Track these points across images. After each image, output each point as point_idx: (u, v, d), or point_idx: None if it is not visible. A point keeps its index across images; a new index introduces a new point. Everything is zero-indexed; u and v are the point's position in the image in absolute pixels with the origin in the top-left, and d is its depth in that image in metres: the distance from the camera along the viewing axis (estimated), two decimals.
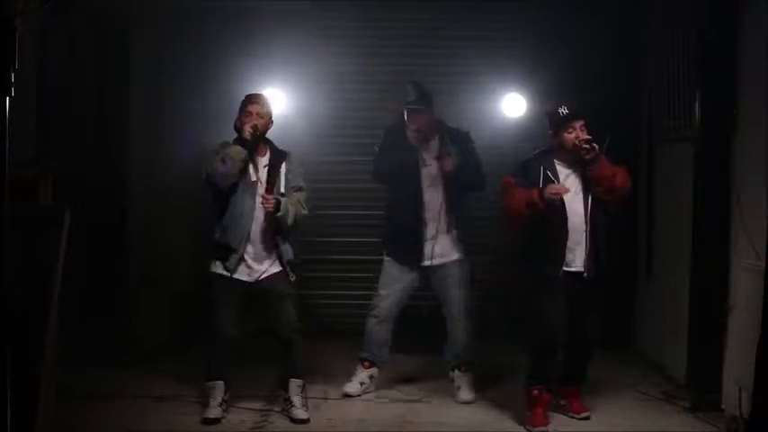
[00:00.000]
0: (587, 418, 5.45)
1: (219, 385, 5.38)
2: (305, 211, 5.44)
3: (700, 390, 5.62)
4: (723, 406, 5.42)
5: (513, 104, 6.87)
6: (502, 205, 5.26)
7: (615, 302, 5.32)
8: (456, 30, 7.48)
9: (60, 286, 4.65)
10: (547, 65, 6.93)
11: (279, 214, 5.26)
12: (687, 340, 5.83)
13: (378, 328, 5.87)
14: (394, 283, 5.85)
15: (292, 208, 5.33)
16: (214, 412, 5.32)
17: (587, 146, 5.11)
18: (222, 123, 6.41)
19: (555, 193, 5.08)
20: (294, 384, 5.44)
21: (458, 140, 5.79)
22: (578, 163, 5.19)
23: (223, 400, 5.38)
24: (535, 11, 7.23)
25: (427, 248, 5.73)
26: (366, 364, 5.91)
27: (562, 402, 5.51)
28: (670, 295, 6.38)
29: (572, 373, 5.48)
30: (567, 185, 5.16)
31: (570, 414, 5.47)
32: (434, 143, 5.80)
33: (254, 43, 7.22)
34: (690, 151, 5.88)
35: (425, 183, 5.76)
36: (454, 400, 5.79)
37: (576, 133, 5.15)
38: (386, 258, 5.89)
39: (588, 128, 5.19)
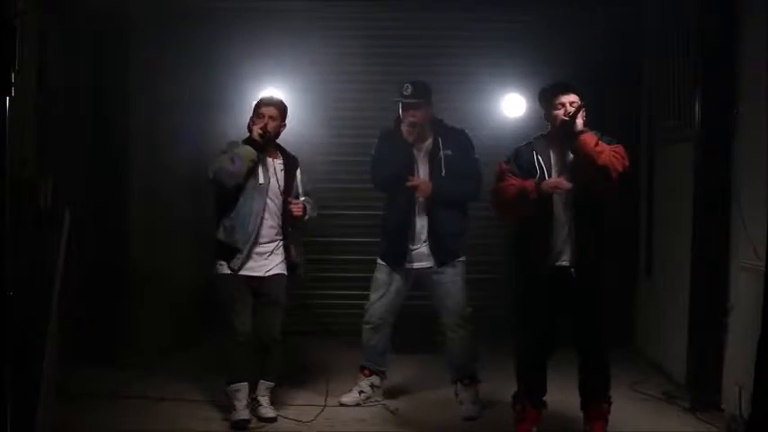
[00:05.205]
0: None
1: (244, 387, 5.32)
2: (314, 214, 5.53)
3: (700, 390, 5.63)
4: (723, 406, 5.42)
5: (513, 104, 6.89)
6: (492, 191, 4.93)
7: (615, 302, 5.29)
8: (456, 30, 7.48)
9: (60, 286, 4.65)
10: (547, 65, 6.92)
11: (306, 218, 5.39)
12: (687, 340, 5.83)
13: (372, 335, 5.72)
14: (383, 287, 5.70)
15: (312, 212, 5.46)
16: (243, 414, 5.26)
17: (566, 118, 4.67)
18: (221, 123, 6.40)
19: (553, 187, 4.71)
20: (263, 386, 5.41)
21: (453, 144, 5.55)
22: (564, 141, 4.73)
23: (248, 401, 5.34)
24: (535, 10, 7.23)
25: (413, 251, 5.57)
26: (366, 371, 5.79)
27: (587, 429, 4.96)
28: (670, 295, 6.37)
29: (584, 390, 4.98)
30: (557, 172, 4.80)
31: None
32: (428, 144, 5.57)
33: (253, 43, 7.23)
34: (690, 151, 5.89)
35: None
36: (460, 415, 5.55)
37: (565, 109, 4.72)
38: (378, 263, 5.75)
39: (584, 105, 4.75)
